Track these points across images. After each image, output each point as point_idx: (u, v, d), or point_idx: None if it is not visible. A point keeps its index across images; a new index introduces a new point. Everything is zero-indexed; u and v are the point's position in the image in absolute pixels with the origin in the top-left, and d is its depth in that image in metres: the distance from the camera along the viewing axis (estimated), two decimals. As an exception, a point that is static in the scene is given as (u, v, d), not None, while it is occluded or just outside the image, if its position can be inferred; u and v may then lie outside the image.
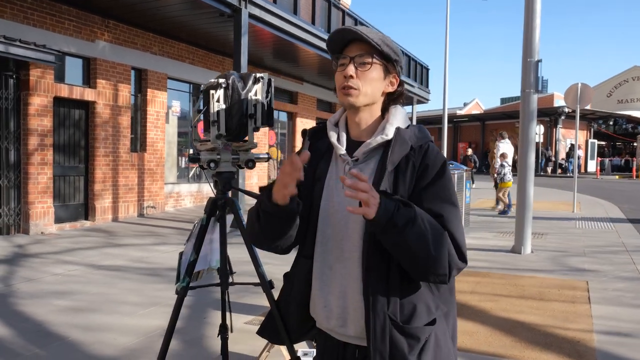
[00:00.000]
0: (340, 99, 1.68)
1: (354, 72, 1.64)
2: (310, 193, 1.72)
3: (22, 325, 4.49)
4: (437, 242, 1.50)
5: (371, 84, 1.66)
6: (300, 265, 1.77)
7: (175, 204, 12.76)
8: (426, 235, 1.48)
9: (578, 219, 11.87)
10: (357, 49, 1.65)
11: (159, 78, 11.96)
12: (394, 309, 1.56)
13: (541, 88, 7.89)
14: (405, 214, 1.46)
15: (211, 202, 2.61)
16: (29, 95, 8.89)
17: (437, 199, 1.58)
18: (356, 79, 1.64)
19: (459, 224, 1.60)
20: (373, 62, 1.65)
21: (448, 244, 1.53)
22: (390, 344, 1.54)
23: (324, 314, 1.69)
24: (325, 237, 1.69)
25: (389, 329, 1.54)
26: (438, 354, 1.59)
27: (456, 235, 1.56)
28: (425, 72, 23.73)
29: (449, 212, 1.57)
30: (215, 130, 2.45)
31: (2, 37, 7.90)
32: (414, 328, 1.56)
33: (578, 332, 4.46)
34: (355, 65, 1.64)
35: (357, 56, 1.64)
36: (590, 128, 38.17)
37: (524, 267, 6.97)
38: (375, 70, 1.66)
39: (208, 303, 5.14)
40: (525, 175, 8.00)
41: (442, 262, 1.52)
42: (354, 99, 1.65)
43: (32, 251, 7.58)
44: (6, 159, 8.74)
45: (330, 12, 14.37)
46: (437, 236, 1.50)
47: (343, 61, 1.67)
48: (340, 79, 1.66)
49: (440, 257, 1.51)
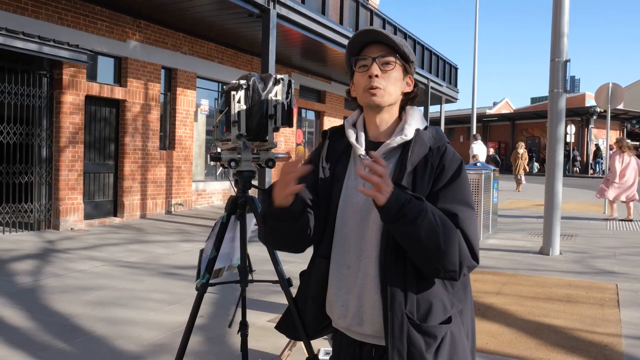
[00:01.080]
0: (366, 100, 1.69)
1: (379, 71, 1.65)
2: (328, 193, 1.74)
3: (49, 319, 4.60)
4: (447, 237, 1.51)
5: (395, 84, 1.68)
6: (317, 265, 1.79)
7: (202, 201, 12.90)
8: (437, 229, 1.49)
9: (609, 221, 11.63)
10: (378, 49, 1.67)
11: (188, 77, 12.10)
12: (411, 308, 1.58)
13: (570, 88, 7.78)
14: (416, 207, 1.47)
15: (232, 200, 2.65)
16: (61, 93, 9.09)
17: (452, 200, 1.59)
18: (381, 78, 1.65)
19: (473, 223, 1.60)
20: (396, 62, 1.67)
21: (460, 241, 1.54)
22: (408, 342, 1.55)
23: (341, 313, 1.70)
24: (342, 237, 1.70)
25: (406, 327, 1.55)
26: (454, 351, 1.60)
27: (469, 234, 1.57)
28: (454, 71, 23.55)
29: (463, 212, 1.58)
30: (236, 130, 2.48)
31: (37, 37, 8.09)
32: (431, 326, 1.57)
33: (606, 336, 4.37)
34: (378, 65, 1.66)
35: (379, 56, 1.66)
36: (624, 128, 37.35)
37: (552, 268, 6.87)
38: (397, 70, 1.68)
39: (232, 301, 5.19)
40: (554, 175, 7.88)
41: (451, 258, 1.52)
42: (380, 99, 1.66)
43: (61, 247, 7.75)
44: (38, 155, 8.96)
45: (358, 12, 14.35)
46: (448, 231, 1.51)
47: (365, 62, 1.68)
48: (364, 80, 1.67)
49: (450, 252, 1.52)
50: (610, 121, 13.96)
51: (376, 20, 15.61)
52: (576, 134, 34.14)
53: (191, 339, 2.66)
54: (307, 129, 17.76)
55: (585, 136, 34.94)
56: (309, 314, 1.85)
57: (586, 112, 33.65)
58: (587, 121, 34.46)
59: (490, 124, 41.78)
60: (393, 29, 16.95)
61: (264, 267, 3.73)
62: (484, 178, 9.02)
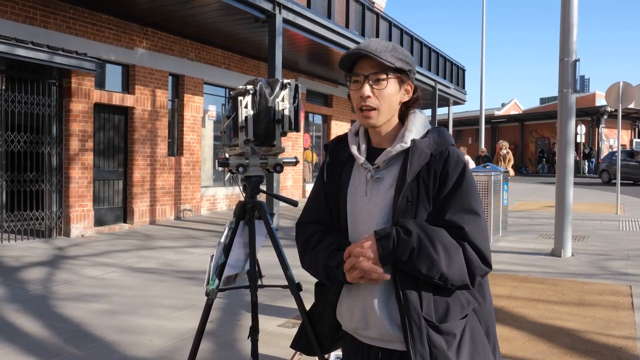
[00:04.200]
0: (361, 121, 1.71)
1: (370, 91, 1.63)
2: (337, 202, 1.77)
3: (60, 326, 4.61)
4: (451, 261, 1.54)
5: (388, 100, 1.65)
6: None
7: (211, 206, 12.93)
8: (435, 258, 1.53)
9: (622, 221, 11.54)
10: (369, 66, 1.63)
11: (195, 83, 12.15)
12: (429, 310, 1.58)
13: (579, 87, 7.71)
14: (405, 247, 1.53)
15: (240, 205, 2.64)
16: (70, 101, 9.15)
17: (459, 209, 1.60)
18: (373, 97, 1.63)
19: (482, 232, 1.61)
20: (388, 78, 1.64)
21: (468, 255, 1.57)
22: (429, 344, 1.56)
23: (348, 317, 1.72)
24: (351, 242, 1.71)
25: (425, 330, 1.56)
26: (474, 346, 1.61)
27: (479, 244, 1.59)
28: (461, 73, 23.49)
29: (470, 224, 1.59)
30: (243, 135, 2.48)
31: (46, 47, 8.16)
32: (449, 325, 1.58)
33: (620, 339, 4.32)
34: (370, 83, 1.63)
35: (371, 74, 1.63)
36: (635, 127, 37.08)
37: (564, 270, 6.81)
38: (390, 85, 1.65)
39: (241, 306, 5.19)
40: (565, 176, 7.82)
41: (457, 277, 1.57)
42: (374, 120, 1.66)
43: (72, 254, 7.78)
44: (49, 163, 9.02)
45: (364, 15, 14.37)
46: (450, 255, 1.54)
47: (357, 79, 1.66)
48: (357, 99, 1.66)
49: (455, 273, 1.56)
50: (621, 120, 13.85)
51: (382, 23, 15.61)
52: (587, 134, 33.93)
53: (201, 345, 2.65)
54: (314, 133, 17.76)
55: (596, 136, 34.71)
56: (326, 321, 1.86)
57: (596, 111, 33.45)
58: (597, 121, 34.25)
59: (499, 125, 41.62)
60: (399, 31, 16.94)
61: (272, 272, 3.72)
62: (493, 180, 8.98)
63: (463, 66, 23.54)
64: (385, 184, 1.66)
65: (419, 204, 1.61)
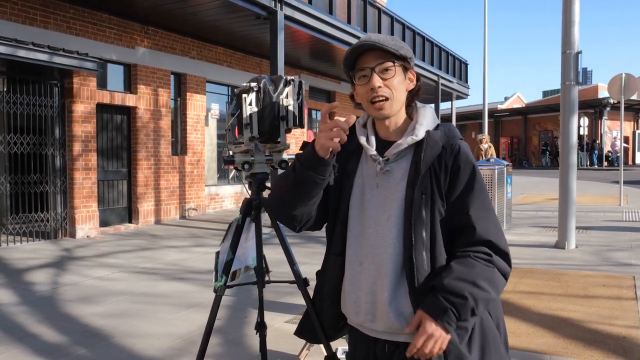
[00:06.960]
0: (373, 113, 1.69)
1: (380, 82, 1.64)
2: (338, 191, 1.76)
3: (68, 326, 4.64)
4: (497, 288, 1.63)
5: (399, 89, 1.67)
6: (331, 263, 1.80)
7: (215, 205, 12.95)
8: (489, 297, 1.59)
9: (625, 212, 11.53)
10: (374, 57, 1.64)
11: (197, 82, 12.16)
12: None
13: (582, 80, 7.71)
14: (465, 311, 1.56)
15: (246, 202, 2.66)
16: (72, 102, 9.17)
17: (477, 208, 1.62)
18: (384, 87, 1.64)
19: (497, 228, 1.65)
20: (395, 66, 1.65)
21: (502, 270, 1.64)
22: None
23: (354, 310, 1.72)
24: (355, 234, 1.72)
25: None
26: (484, 339, 1.64)
27: (500, 245, 1.64)
28: (464, 67, 23.42)
29: (487, 223, 1.63)
30: (248, 132, 2.50)
31: (47, 47, 8.16)
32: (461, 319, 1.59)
33: (624, 328, 4.34)
34: (377, 74, 1.64)
35: (377, 65, 1.64)
36: (638, 119, 36.96)
37: (568, 262, 6.82)
38: (398, 73, 1.66)
39: (249, 302, 5.22)
40: (568, 168, 7.83)
41: (502, 289, 1.67)
42: (388, 110, 1.66)
43: (78, 254, 7.82)
44: (52, 165, 9.04)
45: (366, 11, 14.32)
46: (495, 282, 1.62)
47: (363, 73, 1.66)
48: (367, 92, 1.66)
49: (501, 289, 1.65)
50: (624, 112, 13.83)
51: (384, 18, 15.57)
52: (589, 126, 33.82)
53: (210, 341, 2.67)
54: (317, 130, 17.74)
55: (599, 128, 34.62)
56: (326, 313, 1.86)
57: (599, 103, 33.34)
58: (600, 113, 34.15)
59: (502, 119, 41.53)
60: (401, 26, 16.90)
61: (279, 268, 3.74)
62: (497, 174, 8.98)
63: (466, 60, 23.48)
64: (396, 177, 1.67)
65: (434, 197, 1.62)
